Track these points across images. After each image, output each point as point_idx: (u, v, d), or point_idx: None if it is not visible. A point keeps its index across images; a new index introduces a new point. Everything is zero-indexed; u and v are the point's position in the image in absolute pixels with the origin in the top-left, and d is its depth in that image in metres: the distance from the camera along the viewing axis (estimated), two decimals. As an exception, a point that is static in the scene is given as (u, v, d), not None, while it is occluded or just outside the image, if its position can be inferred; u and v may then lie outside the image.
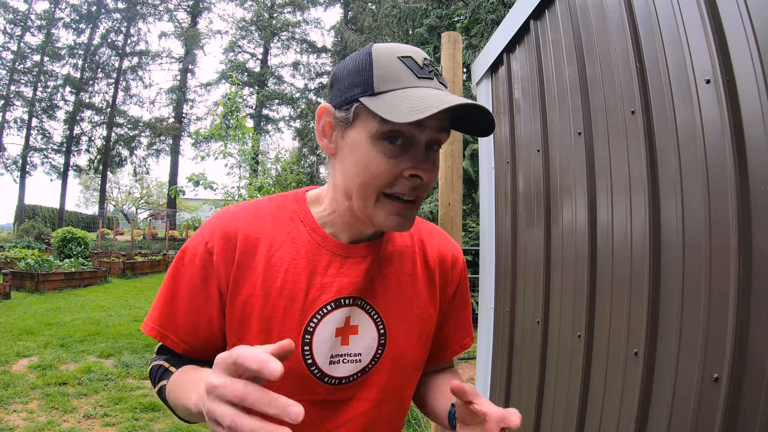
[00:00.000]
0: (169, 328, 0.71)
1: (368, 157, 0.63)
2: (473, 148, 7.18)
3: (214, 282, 0.70)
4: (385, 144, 0.62)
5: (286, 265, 0.70)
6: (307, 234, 0.72)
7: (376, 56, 0.63)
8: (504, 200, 1.85)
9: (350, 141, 0.65)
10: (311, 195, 0.77)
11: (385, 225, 0.66)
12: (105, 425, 3.08)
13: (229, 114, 5.35)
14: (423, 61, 0.64)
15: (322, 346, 0.70)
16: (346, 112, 0.64)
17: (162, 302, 0.72)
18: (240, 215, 0.73)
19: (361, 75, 0.63)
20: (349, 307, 0.71)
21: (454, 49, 2.16)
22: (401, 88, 0.61)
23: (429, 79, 0.63)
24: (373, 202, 0.65)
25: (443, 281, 0.81)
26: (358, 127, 0.64)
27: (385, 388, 0.74)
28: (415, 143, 0.63)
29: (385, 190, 0.64)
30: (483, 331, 2.00)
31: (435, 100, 0.58)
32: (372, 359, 0.73)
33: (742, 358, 0.75)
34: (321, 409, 0.71)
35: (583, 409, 1.19)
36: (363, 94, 0.62)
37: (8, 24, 23.40)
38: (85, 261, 10.18)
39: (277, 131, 28.51)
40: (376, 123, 0.62)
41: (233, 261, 0.69)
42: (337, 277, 0.71)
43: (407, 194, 0.64)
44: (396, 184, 0.64)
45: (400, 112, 0.58)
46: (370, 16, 13.75)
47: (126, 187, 32.62)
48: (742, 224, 0.76)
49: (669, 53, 0.95)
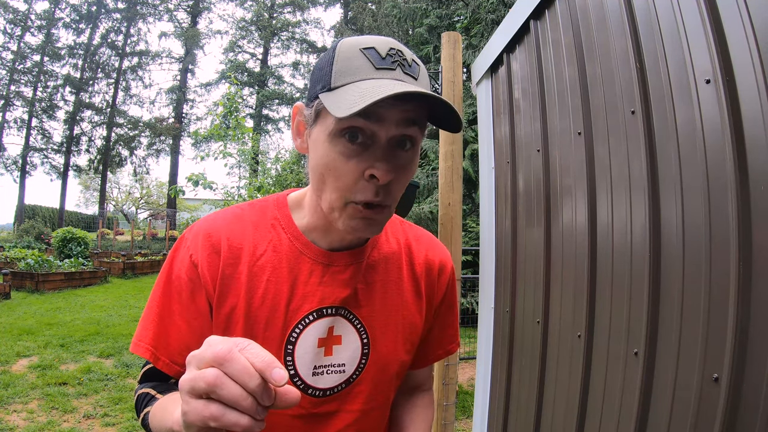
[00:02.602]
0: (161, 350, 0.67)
1: (327, 157, 0.60)
2: (473, 148, 7.18)
3: (203, 294, 0.67)
4: (343, 142, 0.58)
5: (267, 274, 0.68)
6: (288, 242, 0.70)
7: (339, 50, 0.60)
8: (504, 200, 1.85)
9: (313, 139, 0.63)
10: (293, 199, 0.75)
11: (348, 230, 0.62)
12: (105, 425, 3.08)
13: (229, 114, 5.35)
14: (387, 51, 0.59)
15: (305, 357, 0.68)
16: (310, 109, 0.62)
17: (153, 321, 0.68)
18: (222, 224, 0.70)
19: (323, 70, 0.60)
20: (333, 317, 0.70)
21: (454, 49, 2.16)
22: (354, 81, 0.57)
23: (390, 70, 0.58)
24: (340, 207, 0.61)
25: (429, 290, 0.79)
26: (318, 125, 0.61)
27: (369, 398, 0.73)
28: (376, 141, 0.59)
29: (349, 198, 0.60)
30: (483, 331, 2.00)
31: (382, 90, 0.53)
32: (356, 370, 0.72)
33: (742, 358, 0.75)
34: (305, 423, 0.70)
35: (583, 409, 1.19)
36: (322, 90, 0.59)
37: (8, 24, 23.41)
38: (85, 261, 10.18)
39: (277, 131, 28.55)
40: (332, 119, 0.58)
41: (218, 271, 0.67)
42: (319, 286, 0.69)
43: (372, 201, 0.60)
44: (357, 188, 0.59)
45: (341, 107, 0.54)
46: (370, 16, 13.75)
47: (126, 187, 32.64)
48: (742, 224, 0.76)
49: (669, 53, 0.95)
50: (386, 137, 0.59)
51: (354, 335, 0.71)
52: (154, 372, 0.70)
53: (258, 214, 0.72)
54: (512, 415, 1.68)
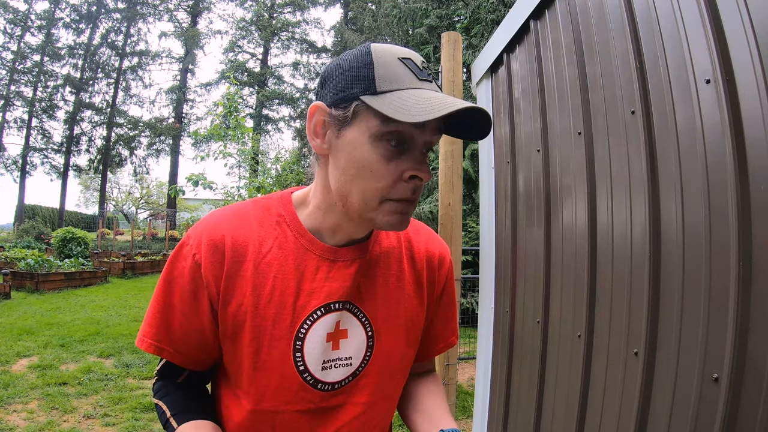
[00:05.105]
0: (165, 342, 0.71)
1: (368, 159, 0.62)
2: (473, 148, 7.18)
3: (205, 294, 0.69)
4: (384, 145, 0.61)
5: (274, 271, 0.69)
6: (293, 238, 0.71)
7: (377, 55, 0.62)
8: (504, 200, 1.85)
9: (347, 141, 0.63)
10: (297, 196, 0.76)
11: (386, 225, 0.66)
12: (105, 425, 3.08)
13: (229, 114, 5.36)
14: (421, 64, 0.64)
15: (314, 352, 0.69)
16: (344, 110, 0.62)
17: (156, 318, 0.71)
18: (225, 222, 0.71)
19: (361, 73, 0.61)
20: (339, 311, 0.71)
21: (454, 49, 2.16)
22: (404, 89, 0.60)
23: (429, 82, 0.63)
24: (375, 206, 0.64)
25: (430, 281, 0.81)
26: (356, 126, 0.62)
27: (375, 390, 0.74)
28: (414, 145, 0.63)
29: (387, 196, 0.63)
30: (483, 331, 2.00)
31: (441, 101, 0.58)
32: (361, 362, 0.73)
33: (742, 358, 0.75)
34: (312, 417, 0.71)
35: (583, 409, 1.19)
36: (364, 93, 0.61)
37: (8, 24, 23.40)
38: (85, 261, 10.18)
39: (277, 131, 28.53)
40: (377, 122, 0.60)
41: (222, 271, 0.68)
42: (326, 282, 0.70)
43: (410, 197, 0.65)
44: (396, 188, 0.63)
45: (410, 112, 0.57)
46: (370, 16, 13.75)
47: (126, 187, 32.68)
48: (742, 224, 0.76)
49: (669, 53, 0.95)
50: (422, 142, 0.63)
51: (359, 328, 0.73)
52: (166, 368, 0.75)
53: (262, 211, 0.73)
54: (512, 415, 1.68)
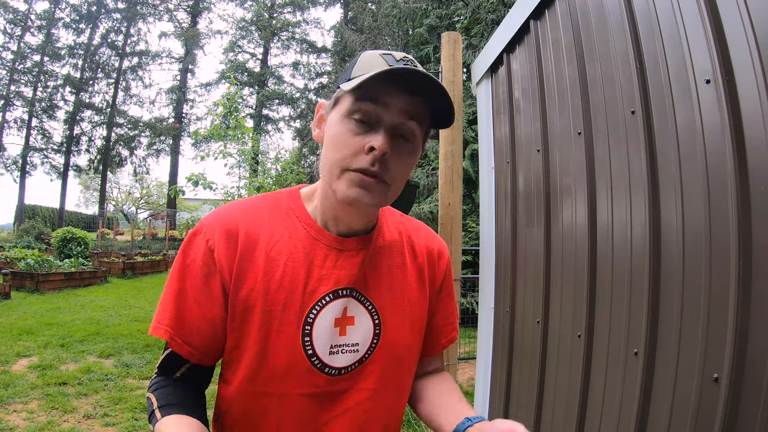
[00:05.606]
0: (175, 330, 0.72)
1: (338, 134, 0.69)
2: (473, 148, 7.18)
3: (218, 278, 0.71)
4: (353, 122, 0.68)
5: (284, 258, 0.73)
6: (303, 229, 0.75)
7: (363, 55, 0.71)
8: (504, 200, 1.85)
9: (329, 123, 0.72)
10: (305, 192, 0.81)
11: (345, 198, 0.68)
12: (105, 425, 3.07)
13: (229, 114, 5.36)
14: (402, 57, 0.68)
15: (322, 337, 0.72)
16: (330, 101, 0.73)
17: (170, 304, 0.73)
18: (239, 212, 0.75)
19: (347, 71, 0.71)
20: (346, 298, 0.74)
21: (454, 49, 2.16)
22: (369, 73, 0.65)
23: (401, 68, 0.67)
24: (337, 176, 0.68)
25: (432, 275, 0.84)
26: (336, 110, 0.71)
27: (381, 377, 0.76)
28: (380, 124, 0.67)
29: (347, 166, 0.68)
30: (483, 331, 2.00)
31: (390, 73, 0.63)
32: (368, 349, 0.76)
33: (742, 358, 0.75)
34: (318, 402, 0.73)
35: (583, 409, 1.19)
36: (342, 81, 0.70)
37: (8, 24, 23.40)
38: (85, 261, 10.18)
39: (277, 131, 28.53)
40: (347, 104, 0.68)
41: (235, 256, 0.71)
42: (334, 269, 0.74)
43: (369, 169, 0.67)
44: (356, 159, 0.67)
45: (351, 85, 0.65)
46: (370, 16, 13.74)
47: (126, 187, 32.69)
48: (742, 224, 0.76)
49: (669, 53, 0.95)
50: (389, 123, 0.67)
51: (366, 316, 0.76)
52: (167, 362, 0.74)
53: (272, 205, 0.78)
54: (512, 415, 1.68)
